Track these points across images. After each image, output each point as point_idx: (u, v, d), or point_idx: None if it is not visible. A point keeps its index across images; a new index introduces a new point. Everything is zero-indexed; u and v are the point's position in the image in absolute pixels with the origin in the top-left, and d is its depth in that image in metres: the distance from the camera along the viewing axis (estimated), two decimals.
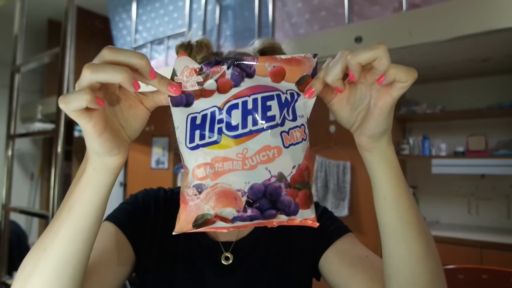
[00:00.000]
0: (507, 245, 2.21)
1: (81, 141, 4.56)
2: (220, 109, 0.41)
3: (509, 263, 2.11)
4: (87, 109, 0.37)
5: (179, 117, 0.42)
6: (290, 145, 0.41)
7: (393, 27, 2.18)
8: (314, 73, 0.43)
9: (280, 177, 0.41)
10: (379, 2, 2.43)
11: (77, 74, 5.04)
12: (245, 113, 0.41)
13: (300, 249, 0.69)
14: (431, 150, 2.77)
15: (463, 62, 2.50)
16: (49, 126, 4.85)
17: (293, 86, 0.43)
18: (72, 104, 0.36)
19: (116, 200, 4.40)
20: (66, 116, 1.40)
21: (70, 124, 4.44)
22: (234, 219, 0.41)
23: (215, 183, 0.40)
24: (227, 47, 0.74)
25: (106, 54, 0.37)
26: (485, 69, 2.66)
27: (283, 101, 0.42)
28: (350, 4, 2.43)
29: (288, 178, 0.41)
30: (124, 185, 4.53)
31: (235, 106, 0.41)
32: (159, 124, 3.91)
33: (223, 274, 0.66)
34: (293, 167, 0.41)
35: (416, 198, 2.99)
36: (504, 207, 2.72)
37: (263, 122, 0.41)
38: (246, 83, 0.42)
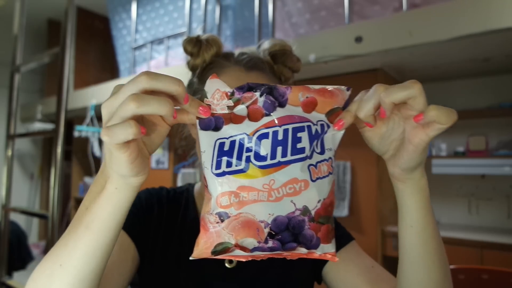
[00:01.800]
0: (507, 245, 2.20)
1: (80, 141, 4.56)
2: (250, 137, 0.40)
3: (509, 263, 2.11)
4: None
5: (207, 141, 0.41)
6: (317, 179, 0.41)
7: (393, 27, 2.18)
8: (345, 106, 0.43)
9: (305, 210, 0.40)
10: (379, 2, 2.43)
11: (77, 74, 5.07)
12: (275, 143, 0.40)
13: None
14: (431, 150, 2.77)
15: (463, 62, 2.49)
16: (49, 126, 4.86)
17: (323, 117, 0.42)
18: (118, 137, 0.35)
19: None
20: (66, 116, 1.40)
21: (70, 124, 4.44)
22: (253, 250, 0.40)
23: (238, 213, 0.39)
24: (227, 47, 0.73)
25: (144, 81, 0.36)
26: (486, 69, 2.66)
27: (313, 133, 0.41)
28: (350, 4, 2.43)
29: (313, 212, 0.40)
30: None
31: (265, 135, 0.40)
32: None
33: (227, 277, 0.66)
34: (318, 201, 0.41)
35: None
36: (504, 207, 2.71)
37: (293, 154, 0.40)
38: (278, 113, 0.41)
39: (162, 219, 0.70)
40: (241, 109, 0.41)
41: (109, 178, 0.41)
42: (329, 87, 0.43)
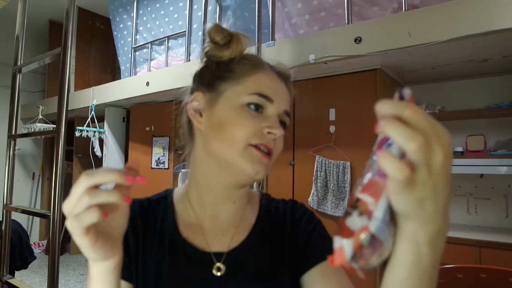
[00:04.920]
0: (505, 244, 2.21)
1: (82, 141, 4.57)
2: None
3: (507, 262, 2.11)
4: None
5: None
6: None
7: (393, 27, 2.19)
8: None
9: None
10: (378, 3, 2.44)
11: (78, 75, 5.07)
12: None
13: (291, 261, 0.68)
14: None
15: (462, 63, 2.50)
16: (50, 126, 4.87)
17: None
18: (84, 221, 0.42)
19: None
20: (67, 116, 1.41)
21: (71, 124, 4.46)
22: None
23: None
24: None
25: (85, 181, 0.43)
26: (484, 70, 2.67)
27: None
28: (350, 5, 2.44)
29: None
30: None
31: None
32: (159, 124, 3.92)
33: (216, 285, 0.64)
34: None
35: None
36: (502, 207, 2.72)
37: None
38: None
39: (139, 236, 0.67)
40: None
41: (91, 267, 0.49)
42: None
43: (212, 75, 0.67)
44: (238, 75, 0.65)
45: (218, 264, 0.64)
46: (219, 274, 0.64)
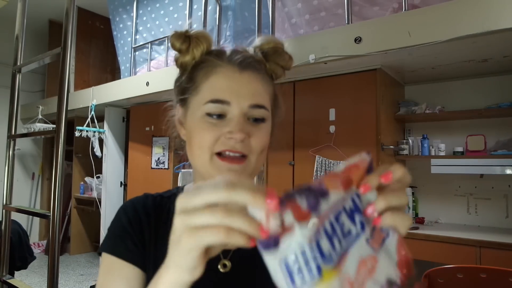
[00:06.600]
0: (505, 244, 2.21)
1: (81, 141, 4.57)
2: (310, 244, 0.35)
3: (507, 262, 2.12)
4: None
5: (273, 265, 0.36)
6: (380, 246, 0.39)
7: (393, 27, 2.19)
8: (369, 170, 0.43)
9: (390, 282, 0.38)
10: (378, 3, 2.44)
11: (78, 74, 5.07)
12: (330, 239, 0.37)
13: None
14: (430, 150, 2.77)
15: (462, 63, 2.50)
16: (50, 126, 4.87)
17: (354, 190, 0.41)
18: (203, 241, 0.36)
19: (117, 200, 4.40)
20: (66, 116, 1.41)
21: (71, 124, 4.45)
22: None
23: None
24: (227, 48, 0.71)
25: (226, 194, 0.35)
26: (484, 70, 2.67)
27: (348, 209, 0.38)
28: (350, 5, 2.44)
29: (398, 280, 0.39)
30: (125, 185, 4.54)
31: (321, 236, 0.36)
32: (159, 124, 3.91)
33: (220, 282, 0.63)
34: (395, 266, 0.40)
35: (416, 197, 3.00)
36: (502, 207, 2.72)
37: (346, 240, 0.38)
38: (323, 206, 0.37)
39: (151, 229, 0.67)
40: (288, 217, 0.35)
41: (165, 271, 0.43)
42: (352, 162, 0.42)
43: (180, 87, 0.67)
44: (196, 83, 0.63)
45: (224, 261, 0.64)
46: (224, 270, 0.64)
